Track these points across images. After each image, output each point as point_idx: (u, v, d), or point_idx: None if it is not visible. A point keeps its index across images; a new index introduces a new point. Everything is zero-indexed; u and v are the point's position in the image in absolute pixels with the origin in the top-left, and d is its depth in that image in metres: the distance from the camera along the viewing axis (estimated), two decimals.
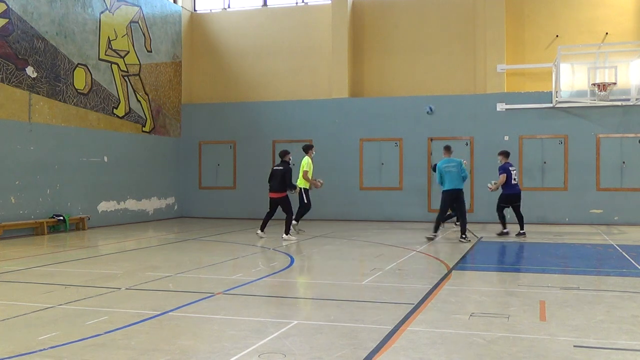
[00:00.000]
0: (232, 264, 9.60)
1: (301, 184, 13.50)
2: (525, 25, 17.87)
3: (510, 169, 13.19)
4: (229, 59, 20.16)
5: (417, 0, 18.63)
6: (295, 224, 13.42)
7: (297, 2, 19.80)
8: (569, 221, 16.77)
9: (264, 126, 19.17)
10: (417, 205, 17.76)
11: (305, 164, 13.54)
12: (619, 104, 16.19)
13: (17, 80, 13.61)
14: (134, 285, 7.50)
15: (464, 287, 7.54)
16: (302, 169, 13.53)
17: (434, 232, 12.56)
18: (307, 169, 13.47)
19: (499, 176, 13.23)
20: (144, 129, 18.08)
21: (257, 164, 18.81)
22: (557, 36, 17.45)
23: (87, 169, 15.71)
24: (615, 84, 15.63)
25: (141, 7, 17.94)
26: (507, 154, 13.49)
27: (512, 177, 13.15)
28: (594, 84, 15.80)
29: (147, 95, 18.20)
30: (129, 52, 17.41)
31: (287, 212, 12.64)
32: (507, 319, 5.64)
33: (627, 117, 16.53)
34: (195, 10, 20.71)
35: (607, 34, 17.14)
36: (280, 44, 19.65)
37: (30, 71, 13.96)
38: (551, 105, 16.77)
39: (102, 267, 9.11)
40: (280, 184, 12.57)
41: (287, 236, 12.56)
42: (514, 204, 13.31)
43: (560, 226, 16.11)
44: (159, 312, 5.94)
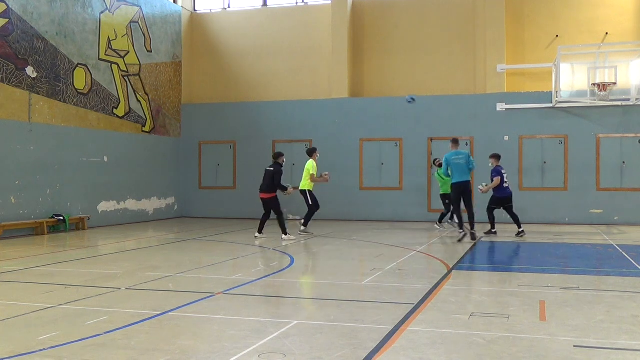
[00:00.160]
0: (232, 264, 9.60)
1: (305, 187, 13.60)
2: (525, 25, 17.87)
3: (502, 172, 13.34)
4: (229, 59, 20.15)
5: (417, 0, 18.63)
6: (303, 229, 13.56)
7: (297, 2, 19.80)
8: (569, 221, 16.77)
9: (264, 126, 19.17)
10: (417, 205, 17.76)
11: (310, 167, 13.65)
12: (619, 104, 16.19)
13: (17, 80, 13.62)
14: (134, 285, 7.50)
15: (464, 287, 7.55)
16: (308, 172, 13.63)
17: (460, 230, 12.42)
18: (313, 172, 13.58)
19: (491, 179, 13.32)
20: (144, 129, 18.09)
21: (257, 164, 18.76)
22: (557, 36, 17.45)
23: (87, 169, 15.71)
24: (615, 84, 15.64)
25: (141, 7, 17.94)
26: (498, 157, 13.64)
27: (504, 180, 13.30)
28: (594, 84, 15.81)
29: (147, 95, 18.20)
30: (129, 52, 17.41)
31: (276, 213, 12.66)
32: (507, 319, 5.64)
33: (627, 117, 16.53)
34: (195, 10, 20.71)
35: (607, 34, 17.14)
36: (280, 44, 19.65)
37: (30, 71, 13.96)
38: (551, 105, 16.77)
39: (102, 267, 9.11)
40: (269, 185, 12.61)
41: (286, 236, 12.56)
42: (505, 205, 13.42)
43: (560, 226, 16.11)
44: (159, 312, 5.94)
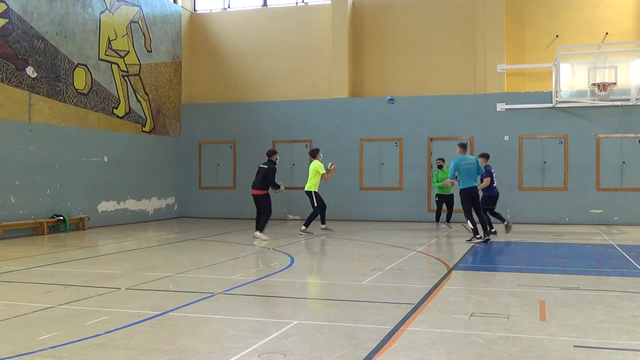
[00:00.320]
0: (232, 264, 9.60)
1: (311, 188, 13.76)
2: (525, 25, 17.87)
3: (492, 172, 13.43)
4: (229, 59, 20.15)
5: (417, 0, 18.63)
6: (304, 228, 13.71)
7: (297, 2, 19.80)
8: (569, 221, 16.77)
9: (264, 126, 19.16)
10: (417, 205, 17.75)
11: (318, 167, 13.84)
12: (619, 104, 16.19)
13: (17, 80, 13.61)
14: (134, 285, 7.50)
15: (464, 287, 7.55)
16: (316, 172, 13.79)
17: (477, 235, 12.14)
18: (322, 171, 13.79)
19: (481, 180, 13.29)
20: (144, 129, 18.08)
21: (257, 164, 18.42)
22: (557, 36, 17.45)
23: (87, 169, 15.71)
24: (615, 84, 15.64)
25: (141, 7, 17.94)
26: (487, 157, 13.64)
27: (493, 180, 13.40)
28: (594, 84, 15.81)
29: (147, 95, 18.20)
30: (129, 52, 17.41)
31: (264, 212, 12.67)
32: (507, 319, 5.63)
33: (627, 117, 16.53)
34: (195, 10, 20.71)
35: (607, 34, 17.14)
36: (280, 44, 19.65)
37: (30, 71, 13.96)
38: (551, 105, 16.77)
39: (102, 267, 9.11)
40: (262, 182, 12.62)
41: (259, 234, 12.58)
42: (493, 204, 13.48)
43: (560, 226, 16.11)
44: (159, 312, 5.94)
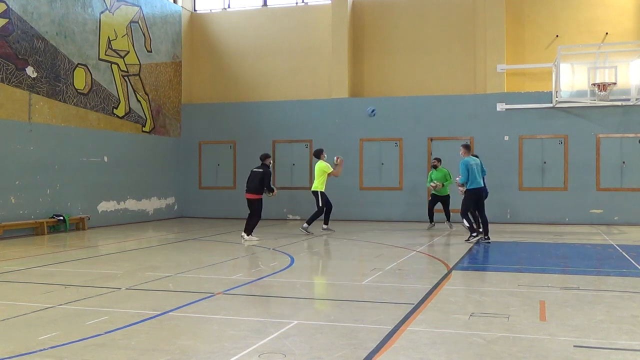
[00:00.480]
0: (232, 264, 9.60)
1: (318, 188, 13.87)
2: (525, 25, 17.87)
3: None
4: (229, 59, 20.15)
5: (417, 0, 18.63)
6: (306, 226, 13.83)
7: (297, 2, 19.79)
8: (569, 221, 16.77)
9: (264, 126, 19.16)
10: (417, 205, 17.73)
11: (324, 166, 13.94)
12: (619, 104, 16.19)
13: (17, 80, 13.61)
14: (134, 285, 7.50)
15: (464, 287, 7.55)
16: (323, 172, 13.89)
17: (473, 233, 12.19)
18: (329, 170, 13.89)
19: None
20: (144, 129, 18.08)
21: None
22: (557, 36, 17.45)
23: (87, 169, 15.71)
24: (615, 84, 15.64)
25: (141, 7, 17.94)
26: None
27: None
28: (594, 84, 15.80)
29: (147, 95, 18.20)
30: (129, 52, 17.41)
31: (255, 215, 12.66)
32: (507, 319, 5.63)
33: (627, 117, 16.53)
34: (195, 10, 20.71)
35: (607, 34, 17.14)
36: (280, 44, 19.65)
37: (30, 71, 13.96)
38: (551, 105, 16.77)
39: (102, 267, 9.11)
40: (256, 186, 12.65)
41: (248, 236, 12.57)
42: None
43: (560, 226, 16.10)
44: (159, 312, 5.94)
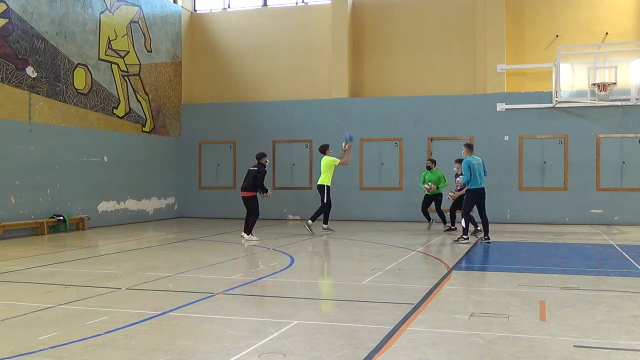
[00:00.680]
0: (232, 264, 9.60)
1: (325, 182, 13.94)
2: (525, 25, 17.86)
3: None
4: (229, 59, 20.15)
5: (417, 0, 18.63)
6: (311, 223, 13.93)
7: (297, 2, 19.79)
8: (569, 221, 16.76)
9: (264, 126, 19.16)
10: (417, 205, 17.67)
11: (330, 161, 14.02)
12: (619, 104, 16.19)
13: (17, 80, 13.61)
14: (134, 285, 7.50)
15: (464, 287, 7.54)
16: (329, 167, 13.96)
17: (486, 237, 12.12)
18: (336, 162, 13.98)
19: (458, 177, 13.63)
20: (144, 129, 18.08)
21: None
22: (557, 36, 17.44)
23: (87, 169, 15.71)
24: (615, 84, 15.63)
25: (141, 7, 17.94)
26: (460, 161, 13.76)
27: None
28: (594, 84, 15.79)
29: (147, 95, 18.20)
30: (129, 52, 17.40)
31: (251, 213, 12.65)
32: (507, 319, 5.63)
33: (627, 117, 16.53)
34: (195, 10, 20.71)
35: (607, 34, 17.14)
36: (280, 44, 19.64)
37: (30, 71, 13.96)
38: (551, 105, 16.77)
39: (102, 267, 9.11)
40: (250, 185, 12.66)
41: (247, 236, 12.57)
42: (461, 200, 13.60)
43: (560, 226, 16.10)
44: (159, 312, 5.94)
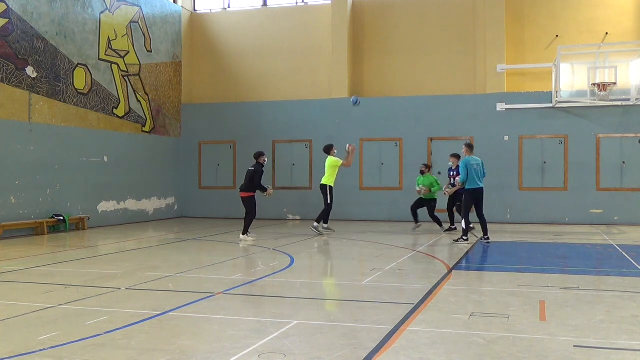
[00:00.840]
0: (232, 264, 9.60)
1: (328, 182, 13.90)
2: (525, 25, 17.86)
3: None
4: (229, 59, 20.15)
5: (417, 0, 18.63)
6: (326, 226, 13.95)
7: (297, 2, 19.79)
8: (569, 221, 16.76)
9: (264, 126, 19.16)
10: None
11: (334, 160, 13.97)
12: (619, 104, 16.18)
13: (17, 80, 13.61)
14: (134, 285, 7.50)
15: (464, 287, 7.54)
16: (332, 167, 13.92)
17: (485, 236, 12.15)
18: (339, 163, 13.92)
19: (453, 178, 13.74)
20: (144, 129, 18.08)
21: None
22: (557, 36, 17.44)
23: (87, 169, 15.71)
24: (615, 84, 15.63)
25: (141, 7, 17.94)
26: (459, 157, 13.82)
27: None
28: (594, 84, 15.79)
29: (147, 95, 18.20)
30: (129, 52, 17.40)
31: (249, 213, 12.65)
32: (507, 319, 5.63)
33: (627, 117, 16.52)
34: (195, 10, 20.71)
35: (607, 34, 17.13)
36: (280, 44, 19.64)
37: (30, 71, 13.96)
38: (551, 105, 16.77)
39: (102, 267, 9.11)
40: (248, 185, 12.66)
41: (243, 236, 12.56)
42: (459, 200, 13.64)
43: (560, 226, 16.10)
44: (159, 312, 5.94)
